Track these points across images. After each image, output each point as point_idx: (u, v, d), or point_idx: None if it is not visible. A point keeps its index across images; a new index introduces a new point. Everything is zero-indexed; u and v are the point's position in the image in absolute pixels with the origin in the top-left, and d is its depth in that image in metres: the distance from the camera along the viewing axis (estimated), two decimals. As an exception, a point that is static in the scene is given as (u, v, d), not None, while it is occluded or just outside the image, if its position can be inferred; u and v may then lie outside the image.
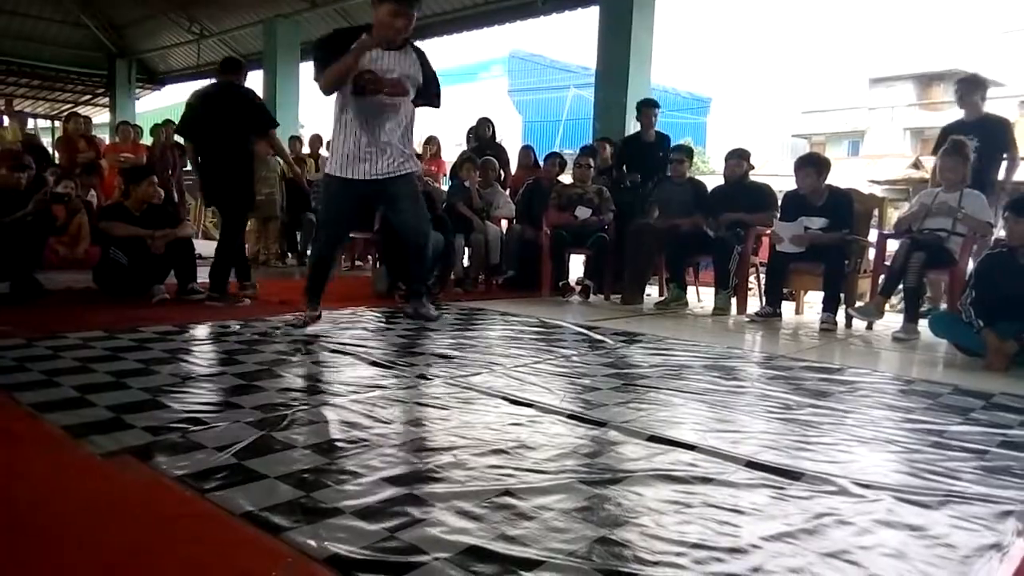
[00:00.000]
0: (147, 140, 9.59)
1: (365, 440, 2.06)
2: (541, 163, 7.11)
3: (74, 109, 14.44)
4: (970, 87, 5.20)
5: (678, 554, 1.45)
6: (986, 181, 4.87)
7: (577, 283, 6.19)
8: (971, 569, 1.44)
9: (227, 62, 5.08)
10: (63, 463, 1.85)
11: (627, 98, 7.15)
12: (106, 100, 15.89)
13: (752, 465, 1.98)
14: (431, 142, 8.12)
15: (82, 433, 2.02)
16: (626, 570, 1.38)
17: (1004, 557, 1.50)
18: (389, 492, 1.69)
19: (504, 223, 6.64)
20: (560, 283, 6.01)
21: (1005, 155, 5.06)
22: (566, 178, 6.69)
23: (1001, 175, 5.07)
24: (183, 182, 9.50)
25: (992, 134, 5.00)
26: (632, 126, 7.12)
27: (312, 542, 1.43)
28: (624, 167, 6.47)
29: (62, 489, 1.69)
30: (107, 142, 10.33)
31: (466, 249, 6.17)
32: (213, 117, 4.76)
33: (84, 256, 6.33)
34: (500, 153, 7.18)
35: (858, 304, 4.84)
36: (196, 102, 4.95)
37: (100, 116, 16.41)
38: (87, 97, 16.68)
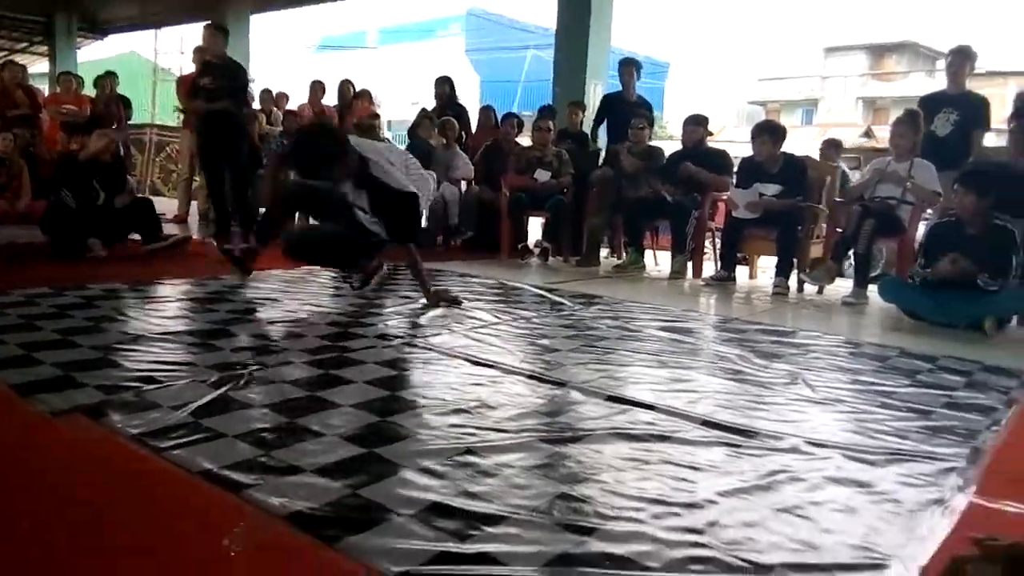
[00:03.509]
0: (90, 91, 9.18)
1: (324, 399, 2.04)
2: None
3: (9, 57, 13.76)
4: (964, 59, 5.04)
5: (637, 509, 1.48)
6: (962, 155, 4.78)
7: (536, 245, 6.19)
8: (916, 523, 1.50)
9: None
10: (11, 423, 1.80)
11: (587, 61, 7.09)
12: (44, 48, 15.15)
13: (708, 424, 2.02)
14: (364, 96, 7.83)
15: (30, 391, 1.96)
16: (586, 524, 1.40)
17: (946, 511, 1.56)
18: (350, 451, 1.69)
19: (463, 184, 6.58)
20: (519, 245, 6.00)
21: (978, 132, 4.98)
22: (524, 140, 6.64)
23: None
24: (128, 136, 9.18)
25: (973, 110, 4.94)
26: (591, 90, 7.08)
27: (273, 500, 1.42)
28: (605, 123, 6.44)
29: (11, 448, 1.64)
30: (46, 93, 9.88)
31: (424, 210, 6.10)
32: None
33: (26, 210, 6.10)
34: (461, 113, 7.08)
35: (809, 269, 4.94)
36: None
37: (38, 66, 15.67)
38: (24, 45, 15.88)
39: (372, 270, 3.90)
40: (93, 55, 16.60)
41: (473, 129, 7.28)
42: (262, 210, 4.49)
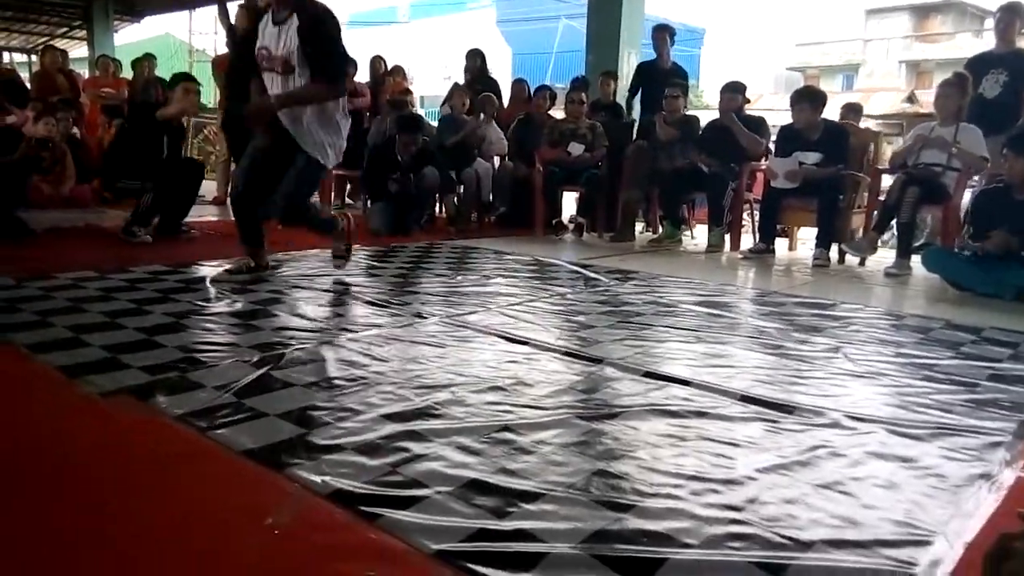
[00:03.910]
0: (128, 74, 9.30)
1: (364, 378, 2.07)
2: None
3: (50, 42, 13.99)
4: (1013, 16, 4.84)
5: (675, 486, 1.48)
6: (1011, 118, 4.60)
7: (570, 221, 6.16)
8: (961, 498, 1.48)
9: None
10: (61, 404, 1.85)
11: (620, 30, 6.97)
12: (83, 33, 15.38)
13: (746, 399, 2.00)
14: (396, 72, 7.80)
15: (79, 373, 2.01)
16: (624, 501, 1.40)
17: (993, 486, 1.54)
18: (389, 429, 1.71)
19: (496, 159, 6.55)
20: (553, 221, 5.98)
21: None
22: (557, 112, 6.58)
23: None
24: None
25: (1021, 67, 4.74)
26: (626, 59, 6.97)
27: (315, 477, 1.45)
28: (640, 93, 6.35)
29: (62, 430, 1.70)
30: (86, 76, 10.04)
31: (460, 187, 6.10)
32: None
33: (70, 195, 6.23)
34: (493, 87, 7.03)
35: (851, 239, 4.84)
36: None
37: (78, 50, 15.92)
38: (63, 30, 16.13)
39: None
40: (129, 38, 16.84)
41: (505, 103, 7.24)
42: None
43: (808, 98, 4.86)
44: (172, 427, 1.70)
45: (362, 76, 8.00)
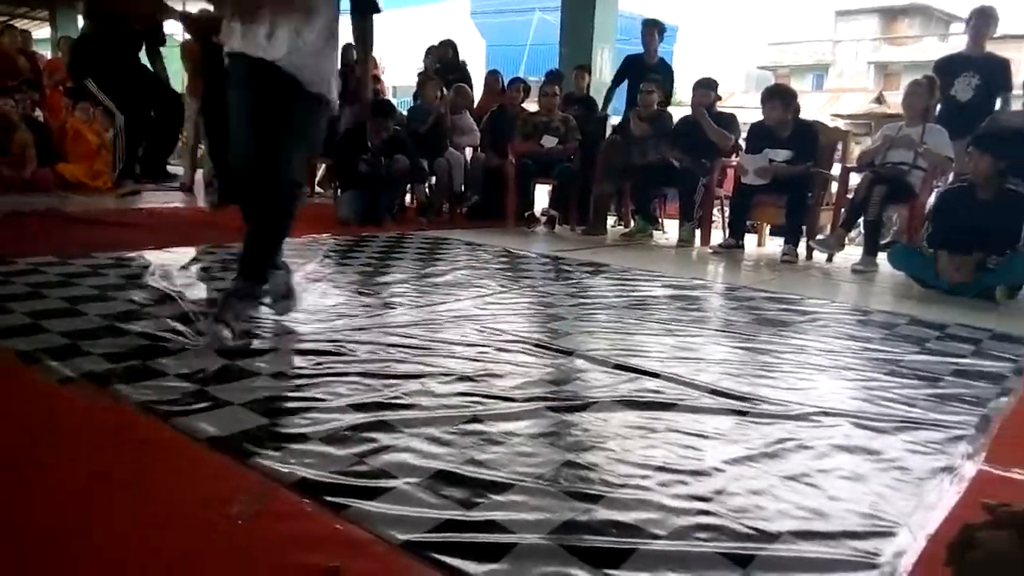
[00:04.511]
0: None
1: (331, 368, 2.04)
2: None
3: (10, 22, 13.61)
4: (987, 20, 4.87)
5: (643, 477, 1.48)
6: (983, 119, 4.60)
7: (542, 213, 6.15)
8: (924, 490, 1.50)
9: None
10: (18, 389, 1.80)
11: (594, 24, 6.98)
12: (45, 13, 14.99)
13: (715, 392, 2.01)
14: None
15: (37, 359, 1.96)
16: (592, 492, 1.40)
17: (955, 479, 1.56)
18: (357, 418, 1.69)
19: (468, 150, 6.52)
20: (525, 213, 5.96)
21: (1000, 94, 4.87)
22: (530, 105, 6.56)
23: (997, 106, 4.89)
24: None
25: (995, 72, 4.83)
26: (599, 54, 6.98)
27: (280, 467, 1.42)
28: (623, 83, 6.34)
29: (18, 416, 1.65)
30: (48, 58, 9.79)
31: (432, 177, 6.06)
32: None
33: (31, 178, 6.08)
34: (464, 77, 6.99)
35: (819, 236, 4.90)
36: None
37: (41, 31, 15.52)
38: (24, 9, 15.71)
39: None
40: (95, 20, 16.43)
41: (478, 94, 7.20)
42: None
43: (779, 96, 4.90)
44: (133, 414, 1.66)
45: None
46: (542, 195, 6.62)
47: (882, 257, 4.39)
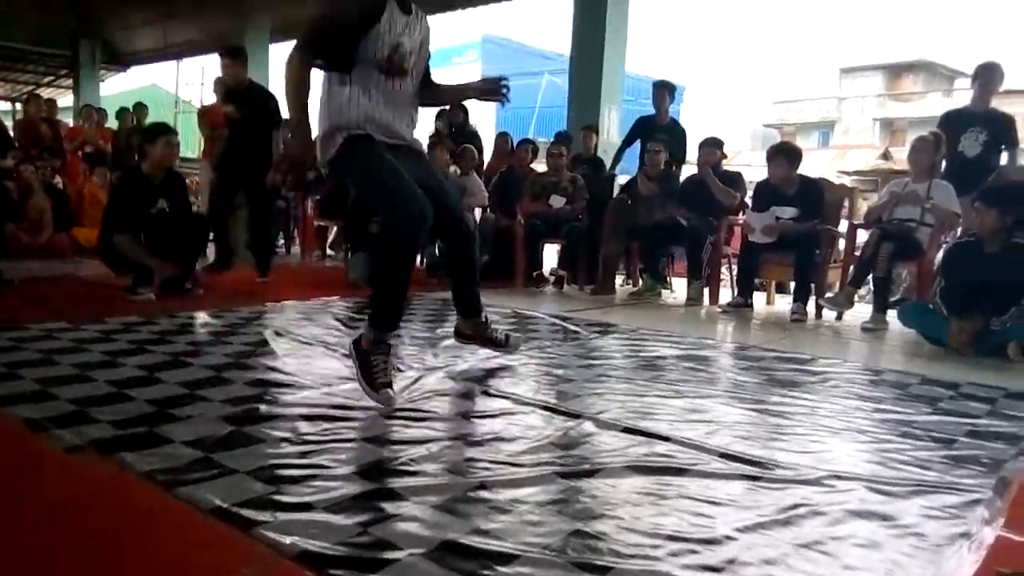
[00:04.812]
0: (113, 124, 9.34)
1: (337, 433, 2.03)
2: (516, 151, 7.07)
3: (36, 91, 14.06)
4: (993, 76, 4.93)
5: (653, 546, 1.45)
6: (990, 175, 4.69)
7: (551, 273, 6.18)
8: (942, 558, 1.46)
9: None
10: (24, 458, 1.80)
11: (601, 85, 7.13)
12: (69, 82, 15.47)
13: (726, 456, 1.98)
14: None
15: (44, 427, 1.96)
16: (601, 563, 1.37)
17: (973, 545, 1.52)
18: (361, 486, 1.67)
19: (477, 211, 6.60)
20: (534, 273, 5.99)
21: (1007, 150, 4.93)
22: (539, 166, 6.65)
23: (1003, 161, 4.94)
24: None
25: (1001, 128, 4.87)
26: (606, 114, 7.11)
27: (283, 538, 1.40)
28: (635, 144, 6.43)
29: (23, 485, 1.64)
30: (71, 125, 10.07)
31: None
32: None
33: (47, 244, 6.18)
34: (474, 140, 7.12)
35: (828, 294, 4.89)
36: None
37: (64, 98, 16.00)
38: (49, 78, 16.23)
39: None
40: (116, 88, 16.96)
41: (488, 155, 7.32)
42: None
43: (784, 154, 4.95)
44: (137, 484, 1.65)
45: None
46: (551, 255, 6.67)
47: (892, 314, 4.36)
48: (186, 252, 4.50)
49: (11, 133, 7.86)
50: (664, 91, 6.34)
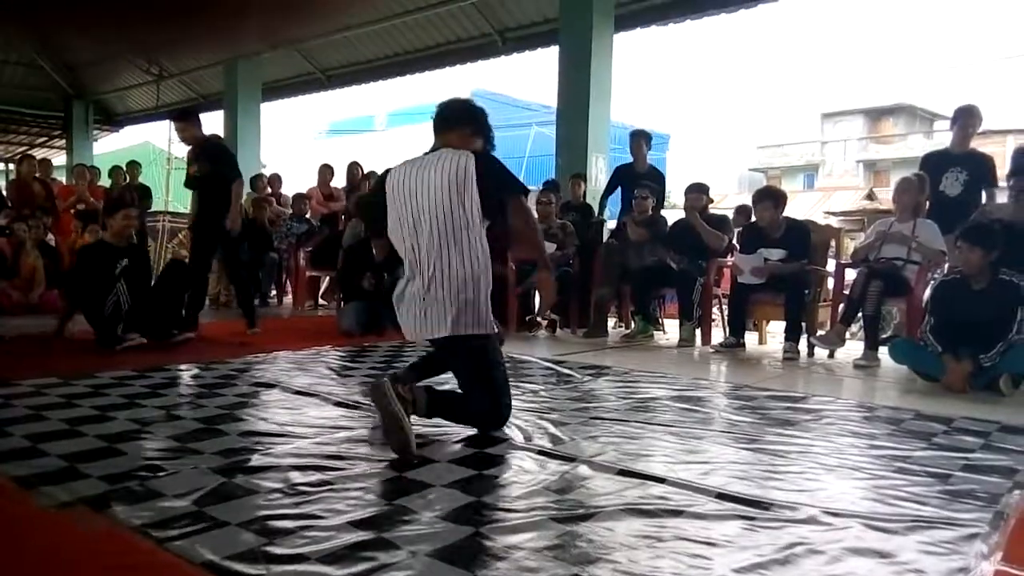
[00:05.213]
0: (105, 182, 9.40)
1: (330, 484, 2.02)
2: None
3: (30, 151, 14.17)
4: (972, 117, 5.02)
5: (651, 590, 1.44)
6: (972, 213, 4.68)
7: (543, 318, 6.19)
8: (941, 594, 1.45)
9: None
10: (13, 516, 1.77)
11: (587, 135, 7.25)
12: (63, 142, 15.62)
13: (722, 496, 1.97)
14: (372, 177, 7.91)
15: (33, 484, 1.94)
16: (599, 608, 1.36)
17: (972, 581, 1.51)
18: (356, 536, 1.65)
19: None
20: (527, 318, 6.01)
21: (987, 189, 4.99)
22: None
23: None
24: (145, 224, 9.33)
25: (982, 169, 4.96)
26: (593, 162, 7.22)
27: (276, 591, 1.39)
28: (616, 195, 6.56)
29: (12, 543, 1.62)
30: (64, 184, 10.13)
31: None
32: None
33: (39, 301, 6.18)
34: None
35: (819, 333, 4.91)
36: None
37: (58, 158, 16.13)
38: (43, 139, 16.38)
39: None
40: (110, 147, 17.08)
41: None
42: None
43: (769, 197, 5.03)
44: (129, 539, 1.63)
45: (339, 181, 8.19)
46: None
47: (883, 351, 4.38)
48: (167, 296, 4.59)
49: (3, 193, 7.93)
50: (641, 139, 6.48)
